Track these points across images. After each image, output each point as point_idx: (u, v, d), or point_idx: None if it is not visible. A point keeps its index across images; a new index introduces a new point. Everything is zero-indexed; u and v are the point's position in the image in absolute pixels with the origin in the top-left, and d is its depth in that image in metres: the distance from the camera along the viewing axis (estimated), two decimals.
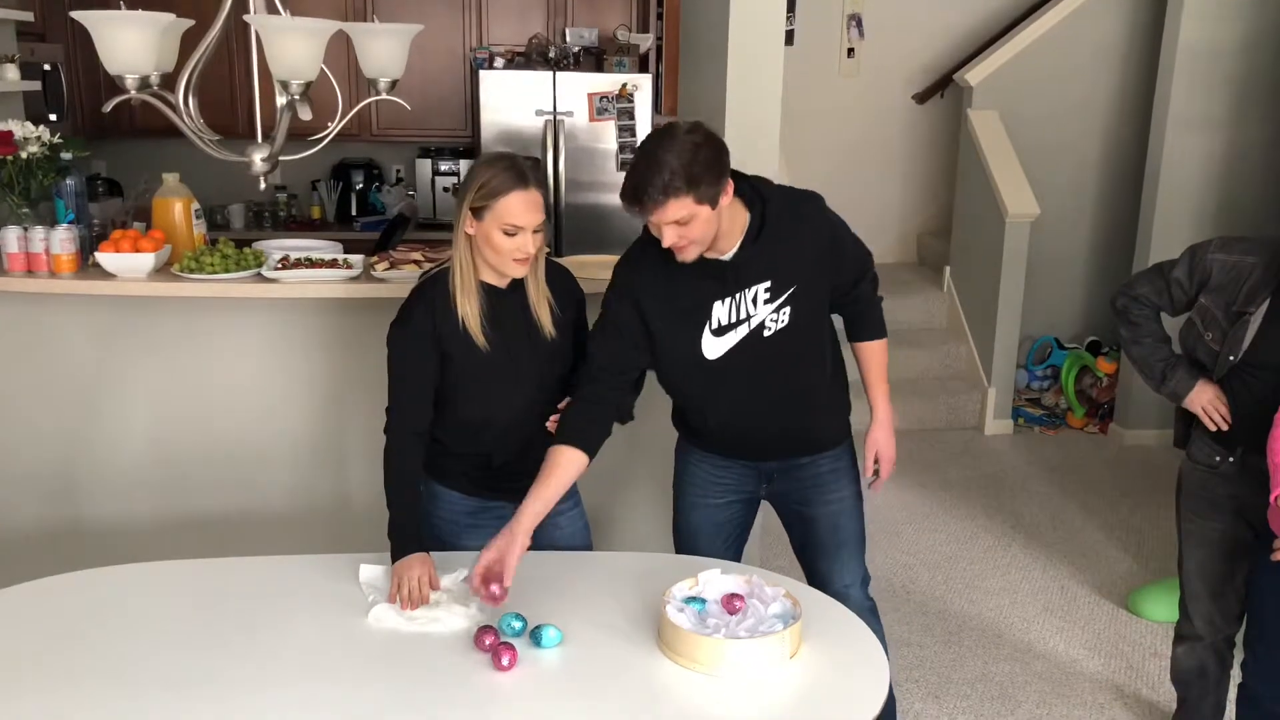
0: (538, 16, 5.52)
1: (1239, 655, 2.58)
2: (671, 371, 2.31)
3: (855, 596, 2.47)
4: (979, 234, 5.50)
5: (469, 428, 2.27)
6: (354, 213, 5.73)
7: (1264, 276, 2.31)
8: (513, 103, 5.17)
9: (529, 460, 2.26)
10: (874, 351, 2.48)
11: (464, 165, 5.61)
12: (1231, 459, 2.44)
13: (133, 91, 1.91)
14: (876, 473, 2.49)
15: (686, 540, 2.51)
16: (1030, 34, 5.53)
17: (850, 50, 5.97)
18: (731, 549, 2.52)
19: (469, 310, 2.17)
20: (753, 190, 2.22)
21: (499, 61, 5.29)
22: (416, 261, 3.04)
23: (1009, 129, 5.47)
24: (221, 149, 2.10)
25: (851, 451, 2.50)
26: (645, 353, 2.27)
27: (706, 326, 2.22)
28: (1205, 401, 2.44)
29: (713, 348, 2.24)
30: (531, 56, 5.37)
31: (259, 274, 2.99)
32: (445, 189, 5.64)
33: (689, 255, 2.13)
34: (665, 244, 2.09)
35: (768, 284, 2.21)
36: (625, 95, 5.19)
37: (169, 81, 2.05)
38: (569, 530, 2.41)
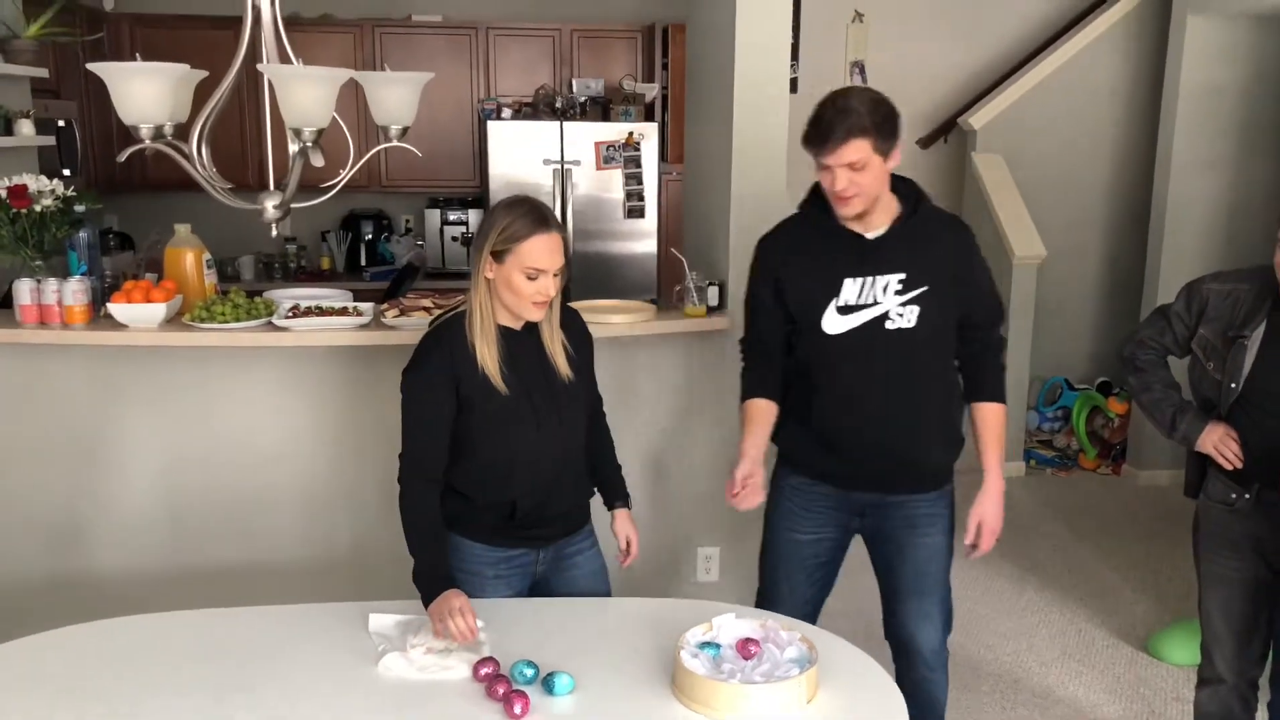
0: (544, 68, 5.60)
1: (1264, 696, 2.54)
2: (800, 345, 2.40)
3: (931, 646, 2.47)
4: None
5: (490, 474, 2.25)
6: (363, 263, 5.78)
7: (1257, 300, 2.34)
8: (520, 153, 5.23)
9: (552, 506, 2.27)
10: (992, 415, 2.45)
11: (473, 215, 5.66)
12: (1248, 495, 2.42)
13: (147, 141, 1.93)
14: (976, 543, 2.45)
15: (768, 571, 2.55)
16: (1033, 77, 5.59)
17: None
18: (814, 586, 2.52)
19: (487, 354, 2.17)
20: (908, 187, 2.35)
21: (506, 112, 5.36)
22: (426, 309, 3.05)
23: (1013, 172, 5.51)
24: (233, 198, 2.12)
25: (950, 498, 2.48)
26: (787, 323, 2.40)
27: (834, 301, 2.30)
28: (1215, 440, 2.43)
29: (834, 323, 2.31)
30: (539, 107, 5.44)
31: (270, 322, 3.00)
32: (454, 238, 5.68)
33: (852, 208, 2.23)
34: (838, 187, 2.19)
35: (902, 276, 2.28)
36: (632, 144, 5.25)
37: (182, 132, 2.08)
38: (587, 570, 2.39)
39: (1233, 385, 2.37)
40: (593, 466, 2.42)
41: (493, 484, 2.25)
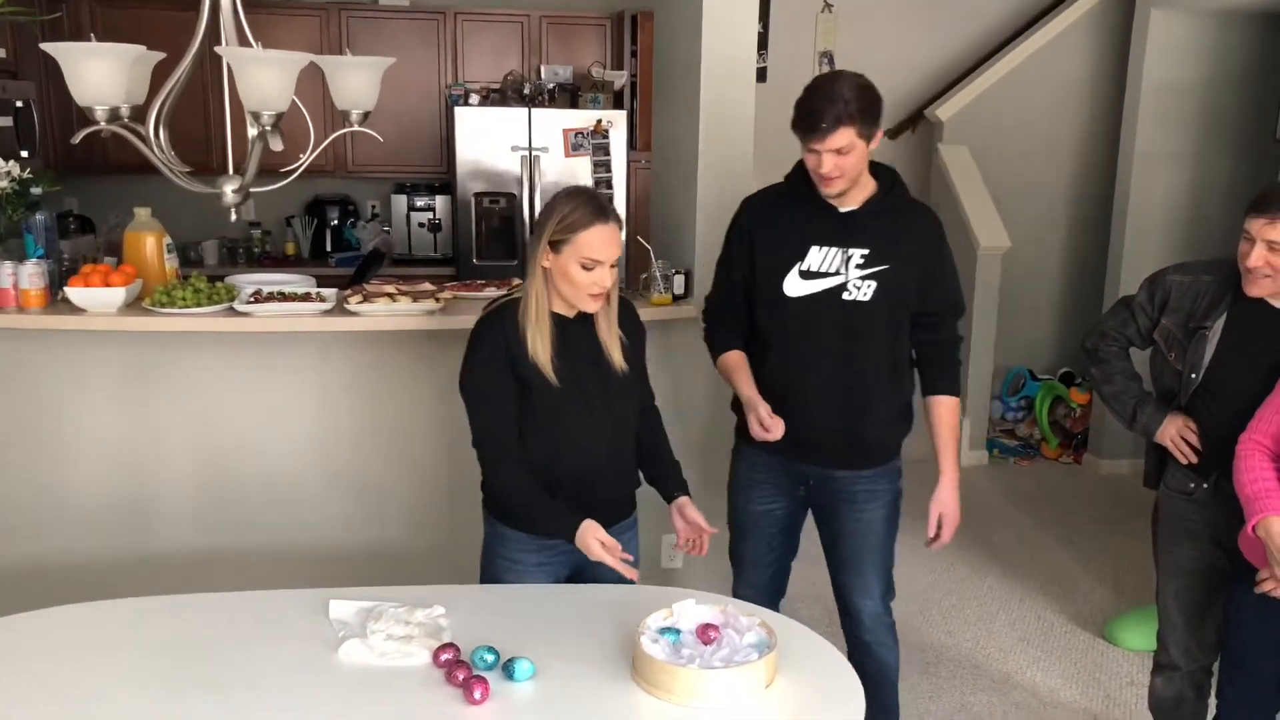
0: (513, 54, 5.56)
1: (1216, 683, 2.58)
2: (758, 305, 2.48)
3: (870, 611, 2.59)
4: None
5: (536, 462, 2.25)
6: (329, 249, 5.72)
7: (1219, 291, 2.38)
8: (488, 139, 5.20)
9: (596, 495, 2.27)
10: (947, 409, 2.54)
11: (439, 201, 5.62)
12: (1205, 485, 2.46)
13: (103, 123, 1.90)
14: (938, 535, 2.54)
15: (733, 538, 2.67)
16: (998, 70, 5.63)
17: None
18: (774, 551, 2.65)
19: (539, 344, 2.17)
20: (886, 171, 2.45)
21: (474, 98, 5.32)
22: (390, 295, 3.04)
23: (979, 163, 5.55)
24: (192, 181, 2.10)
25: (895, 475, 2.57)
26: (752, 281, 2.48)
27: (798, 265, 2.41)
28: (1173, 433, 2.47)
29: (795, 286, 2.41)
30: (507, 93, 5.41)
31: (231, 308, 2.98)
32: (421, 225, 5.64)
33: (834, 188, 2.33)
34: (823, 170, 2.29)
35: (866, 251, 2.38)
36: (600, 131, 5.23)
37: (140, 114, 2.05)
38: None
39: (1193, 375, 2.41)
40: (645, 460, 2.43)
41: (538, 471, 2.25)
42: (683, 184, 3.52)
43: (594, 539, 2.15)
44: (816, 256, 2.40)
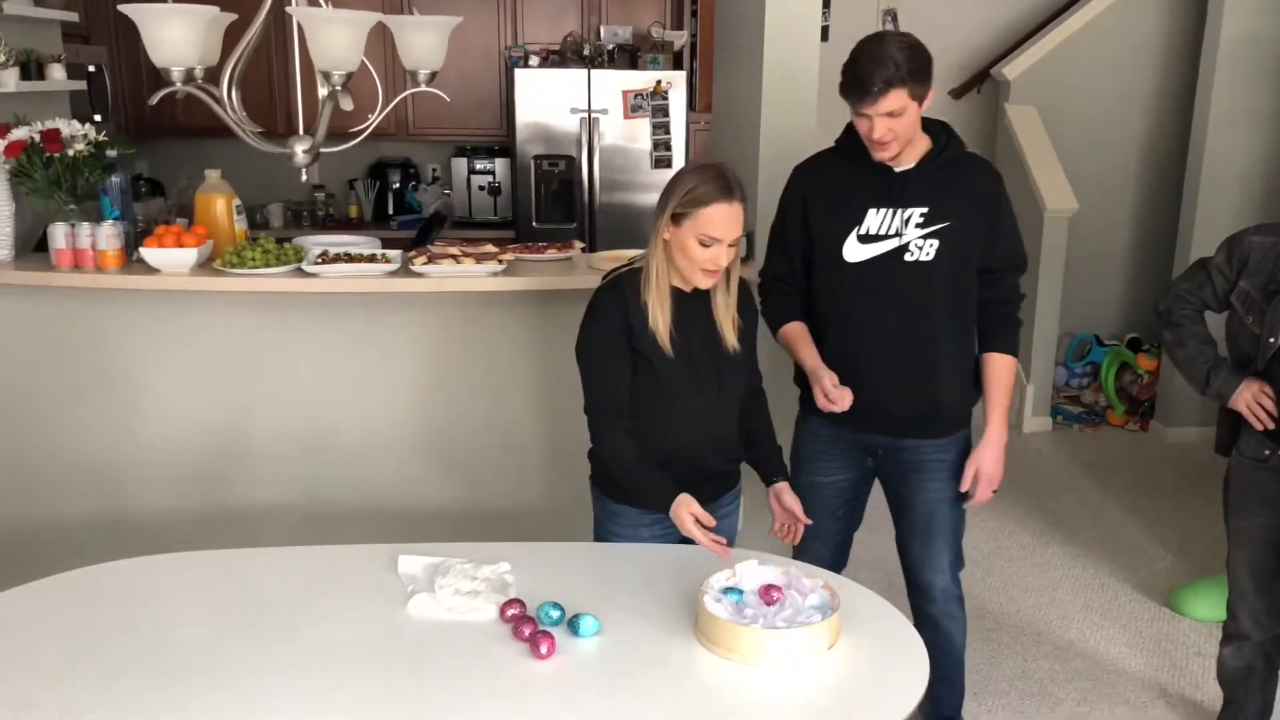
0: (572, 14, 5.54)
1: None
2: (817, 274, 2.45)
3: (940, 584, 2.57)
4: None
5: (646, 434, 2.26)
6: (391, 212, 5.78)
7: None
8: (548, 101, 5.20)
9: (702, 470, 2.28)
10: (1002, 367, 2.48)
11: (499, 164, 5.64)
12: None
13: (178, 84, 1.94)
14: (971, 492, 2.49)
15: None
16: (1069, 27, 5.47)
17: None
18: (839, 522, 2.62)
19: (659, 314, 2.18)
20: (940, 126, 2.39)
21: (534, 60, 5.32)
22: (454, 256, 3.06)
23: (1047, 124, 5.42)
24: (264, 141, 2.13)
25: (962, 446, 2.52)
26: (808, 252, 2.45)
27: (856, 230, 2.36)
28: (1249, 398, 2.41)
29: (854, 251, 2.37)
30: (566, 55, 5.39)
31: (299, 269, 3.02)
32: (480, 188, 5.68)
33: (889, 152, 2.28)
34: (875, 135, 2.24)
35: (925, 209, 2.33)
36: (660, 93, 5.20)
37: (213, 76, 2.08)
38: (726, 533, 2.33)
39: (1271, 340, 2.35)
40: (748, 441, 2.42)
41: (647, 443, 2.26)
42: (744, 146, 3.48)
43: (688, 513, 2.13)
44: (874, 219, 2.35)
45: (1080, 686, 3.16)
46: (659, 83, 5.19)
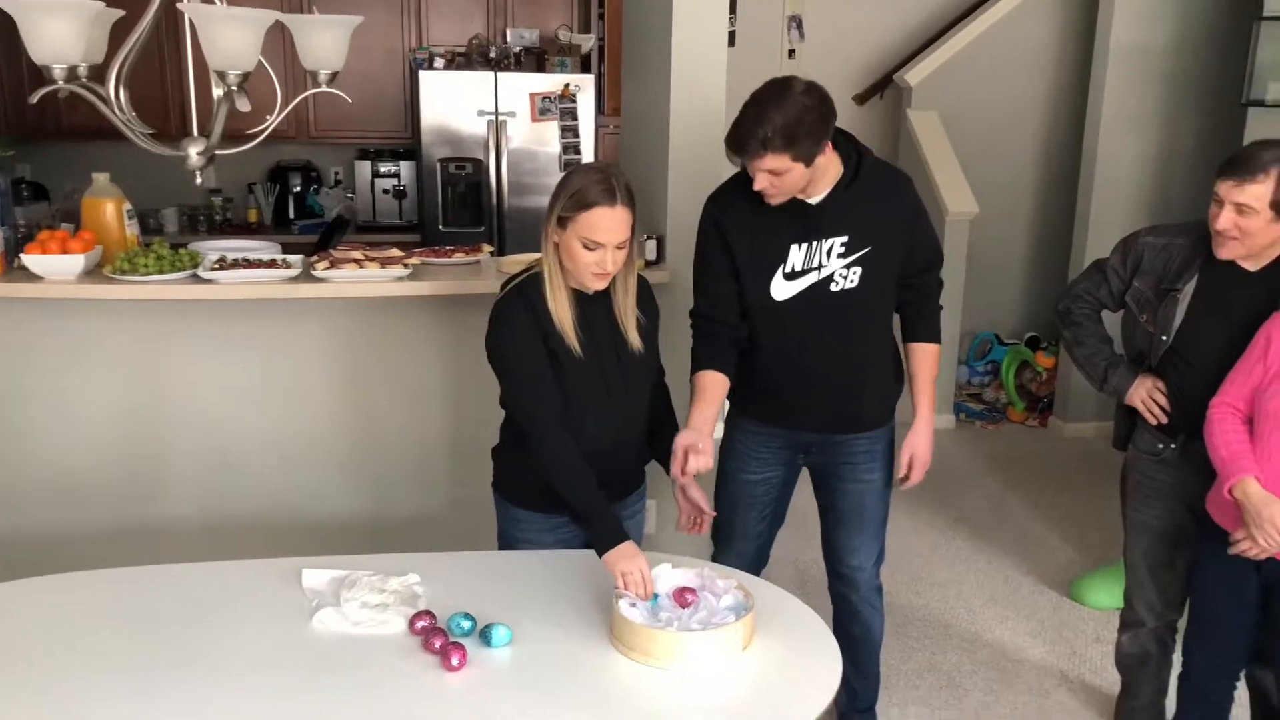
0: (478, 16, 5.48)
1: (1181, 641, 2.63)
2: (749, 312, 2.41)
3: (865, 573, 2.61)
4: None
5: None
6: (292, 216, 5.64)
7: (1191, 254, 2.39)
8: (453, 103, 5.13)
9: (609, 473, 2.22)
10: (926, 355, 2.52)
11: (404, 167, 5.54)
12: (1173, 446, 2.49)
13: (60, 82, 1.85)
14: (908, 475, 2.53)
15: (722, 508, 2.60)
16: (967, 35, 5.61)
17: (791, 51, 6.00)
18: (765, 520, 2.63)
19: (563, 314, 2.14)
20: (850, 146, 2.34)
21: (439, 62, 5.24)
22: (357, 261, 2.99)
23: (948, 129, 5.55)
24: (155, 143, 2.05)
25: (890, 437, 2.56)
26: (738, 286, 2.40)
27: (780, 269, 2.34)
28: (1144, 394, 2.49)
29: (781, 290, 2.35)
30: (472, 57, 5.33)
31: (195, 275, 2.92)
32: (385, 191, 5.57)
33: (776, 200, 2.25)
34: (756, 188, 2.21)
35: (845, 239, 2.31)
36: (568, 96, 5.17)
37: (99, 74, 1.99)
38: (633, 535, 2.28)
39: (1164, 337, 2.43)
40: (652, 436, 2.40)
41: None
42: (653, 149, 3.48)
43: (627, 565, 1.99)
44: (797, 255, 2.33)
45: (986, 676, 3.24)
46: (567, 86, 5.16)
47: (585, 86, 5.19)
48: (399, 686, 1.79)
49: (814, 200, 2.31)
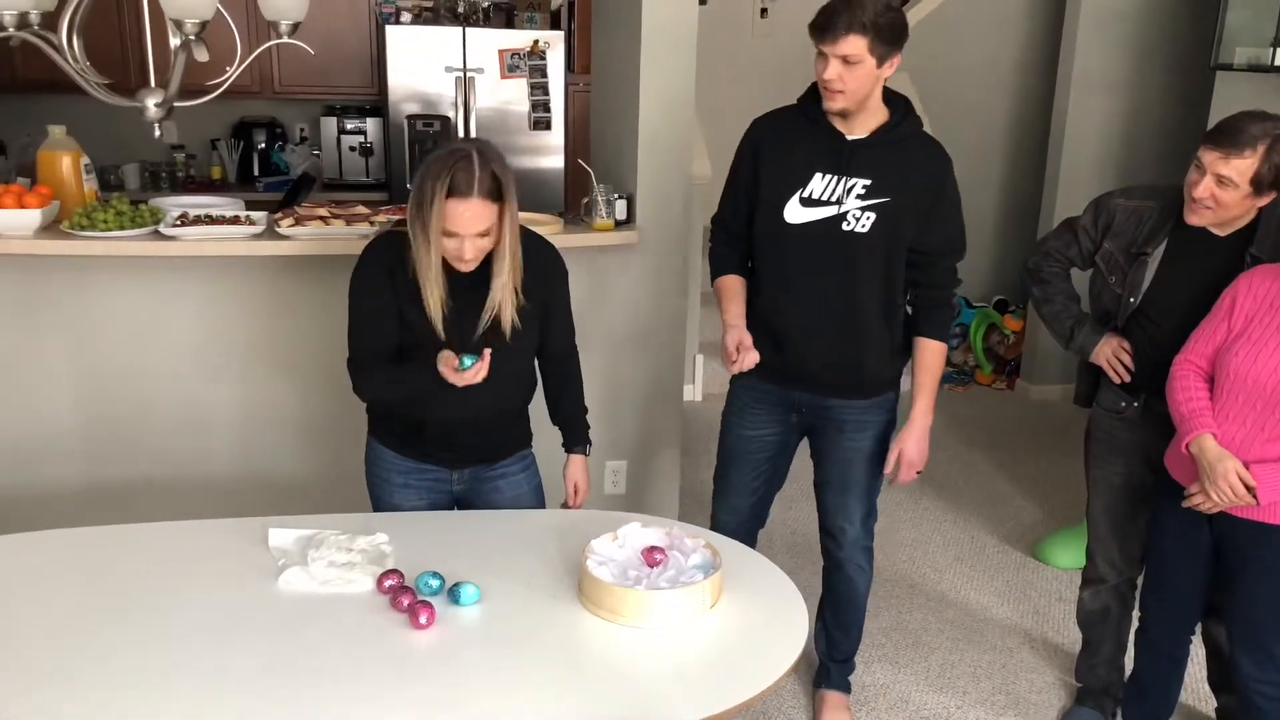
0: None
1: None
2: (757, 227, 2.44)
3: (851, 533, 2.63)
4: None
5: (420, 404, 2.21)
6: (256, 173, 5.54)
7: (1161, 218, 2.40)
8: (421, 59, 5.04)
9: (464, 438, 2.23)
10: (930, 352, 2.51)
11: (370, 124, 5.46)
12: (1136, 404, 2.52)
13: (11, 30, 1.79)
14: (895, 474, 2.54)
15: (720, 462, 2.68)
16: None
17: (763, 10, 5.96)
18: (761, 479, 2.64)
19: (430, 293, 2.09)
20: (901, 102, 2.38)
21: (406, 16, 5.15)
22: (323, 218, 2.94)
23: (919, 90, 5.51)
24: (111, 94, 1.99)
25: (888, 409, 2.56)
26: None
27: (800, 192, 2.36)
28: (1109, 353, 2.51)
29: (795, 213, 2.37)
30: (440, 12, 5.24)
31: (156, 231, 2.86)
32: (351, 148, 5.48)
33: (836, 103, 2.27)
34: (826, 75, 2.22)
35: (869, 182, 2.33)
36: (537, 52, 5.10)
37: (51, 23, 1.93)
38: (510, 494, 2.37)
39: (1131, 299, 2.45)
40: (552, 405, 2.40)
41: (420, 414, 2.22)
42: (624, 108, 3.44)
43: (447, 367, 2.06)
44: (819, 184, 2.35)
45: (952, 635, 3.28)
46: (536, 42, 5.09)
47: (555, 43, 5.12)
48: (367, 645, 1.78)
49: (852, 136, 2.33)
